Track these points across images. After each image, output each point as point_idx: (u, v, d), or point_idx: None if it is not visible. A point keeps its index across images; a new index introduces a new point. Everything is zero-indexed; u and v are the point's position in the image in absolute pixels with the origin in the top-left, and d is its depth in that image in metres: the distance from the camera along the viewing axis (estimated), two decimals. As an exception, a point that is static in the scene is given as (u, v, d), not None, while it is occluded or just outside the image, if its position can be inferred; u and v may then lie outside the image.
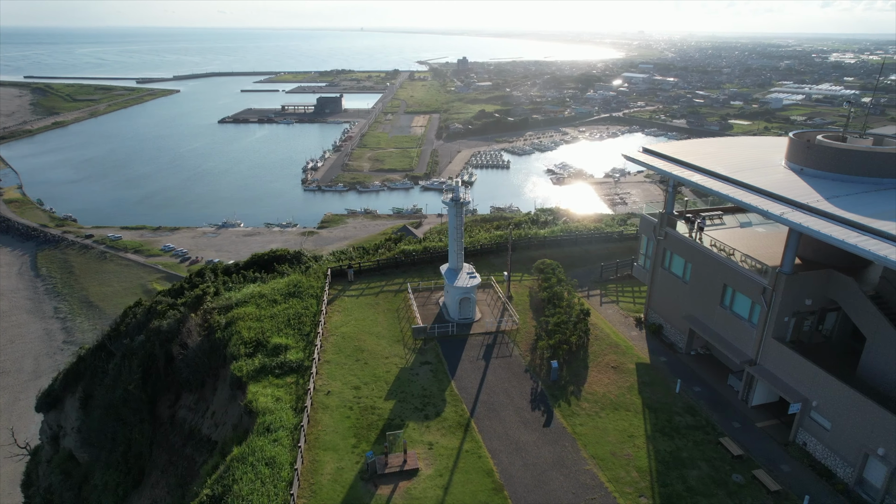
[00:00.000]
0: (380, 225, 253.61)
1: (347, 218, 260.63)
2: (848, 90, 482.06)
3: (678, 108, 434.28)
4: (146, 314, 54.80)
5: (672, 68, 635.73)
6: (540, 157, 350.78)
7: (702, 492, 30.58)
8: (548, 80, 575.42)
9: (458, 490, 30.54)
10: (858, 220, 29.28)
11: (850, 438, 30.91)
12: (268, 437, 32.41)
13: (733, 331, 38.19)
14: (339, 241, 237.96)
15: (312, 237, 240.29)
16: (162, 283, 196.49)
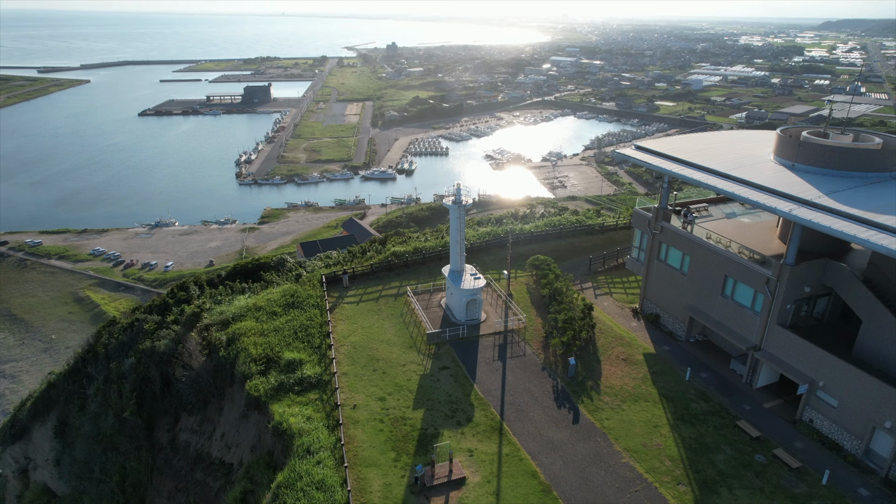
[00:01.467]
0: (322, 218, 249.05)
1: (288, 212, 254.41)
2: (758, 71, 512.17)
3: (607, 91, 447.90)
4: (128, 334, 51.88)
5: (597, 51, 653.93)
6: (477, 142, 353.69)
7: (732, 474, 32.67)
8: (479, 64, 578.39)
9: (508, 495, 31.22)
10: (863, 214, 31.78)
11: (856, 414, 33.80)
12: (310, 459, 31.83)
13: (736, 319, 40.62)
14: (282, 236, 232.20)
15: (254, 233, 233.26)
16: (96, 290, 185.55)
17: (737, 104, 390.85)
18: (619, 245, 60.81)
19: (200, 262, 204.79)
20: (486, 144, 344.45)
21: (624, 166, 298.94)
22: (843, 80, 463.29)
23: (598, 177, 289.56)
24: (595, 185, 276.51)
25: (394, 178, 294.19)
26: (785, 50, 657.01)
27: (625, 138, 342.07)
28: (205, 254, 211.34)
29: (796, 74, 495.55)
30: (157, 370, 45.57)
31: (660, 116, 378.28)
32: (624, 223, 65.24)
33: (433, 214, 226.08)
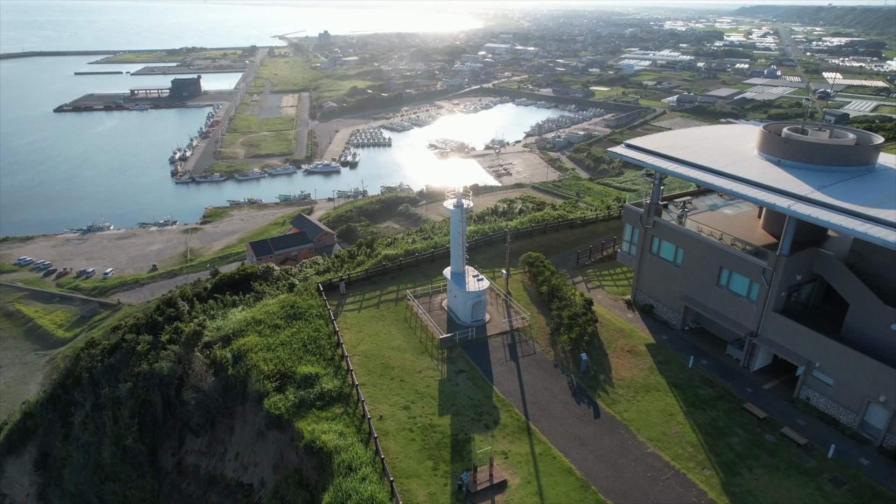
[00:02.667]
0: (268, 215, 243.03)
1: (231, 210, 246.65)
2: (684, 56, 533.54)
3: (543, 78, 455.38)
4: (116, 356, 49.45)
5: (531, 38, 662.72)
6: (419, 132, 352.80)
7: (748, 455, 35.04)
8: (414, 52, 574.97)
9: (551, 494, 32.32)
10: (857, 209, 34.48)
11: (852, 390, 36.88)
12: (354, 476, 31.78)
13: (732, 307, 43.18)
14: (227, 235, 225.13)
15: (197, 234, 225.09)
16: (27, 303, 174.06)
17: (667, 88, 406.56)
18: (600, 238, 62.92)
19: (142, 267, 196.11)
20: (429, 134, 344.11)
21: (566, 152, 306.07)
22: (761, 63, 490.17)
23: (541, 163, 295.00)
24: (540, 172, 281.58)
25: (338, 171, 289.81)
26: (707, 35, 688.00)
27: (564, 124, 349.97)
28: (146, 258, 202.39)
29: (719, 59, 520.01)
30: (158, 393, 43.80)
31: (596, 102, 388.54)
32: (603, 216, 67.43)
33: (384, 207, 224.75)
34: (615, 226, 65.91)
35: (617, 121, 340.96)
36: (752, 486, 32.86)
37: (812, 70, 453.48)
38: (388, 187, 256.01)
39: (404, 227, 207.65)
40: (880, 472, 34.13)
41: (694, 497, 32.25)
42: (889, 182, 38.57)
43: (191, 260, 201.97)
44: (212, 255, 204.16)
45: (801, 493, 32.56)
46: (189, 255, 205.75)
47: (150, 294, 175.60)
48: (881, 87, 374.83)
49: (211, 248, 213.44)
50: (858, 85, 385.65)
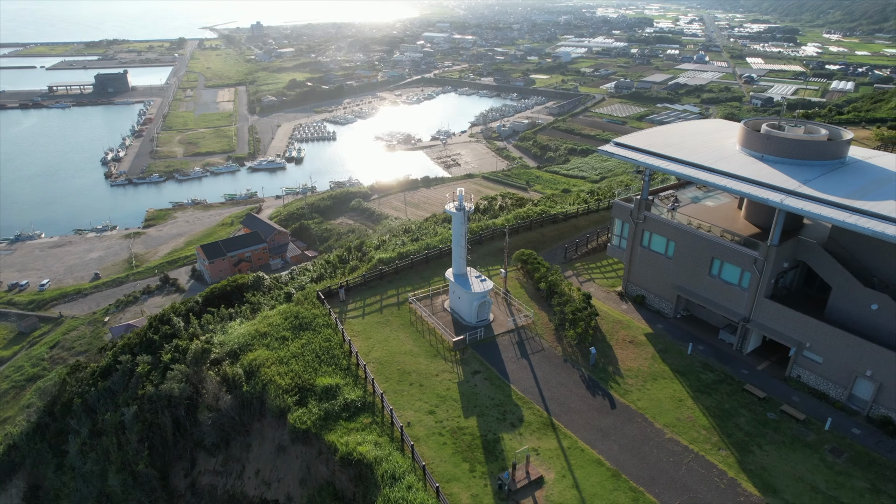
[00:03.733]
0: (215, 215, 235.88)
1: (175, 212, 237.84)
2: (618, 42, 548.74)
3: (483, 67, 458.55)
4: (111, 380, 47.58)
5: (467, 26, 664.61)
6: (363, 124, 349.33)
7: (756, 433, 37.81)
8: (352, 43, 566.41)
9: (586, 485, 33.94)
10: (842, 201, 37.58)
11: (840, 367, 40.27)
12: (400, 485, 32.34)
13: (724, 295, 46.01)
14: (173, 238, 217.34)
15: (140, 238, 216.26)
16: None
17: (605, 75, 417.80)
18: (582, 231, 65.13)
19: (83, 277, 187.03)
20: (374, 126, 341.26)
21: (512, 141, 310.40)
22: (690, 49, 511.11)
23: (489, 153, 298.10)
24: (488, 162, 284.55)
25: (283, 168, 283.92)
26: (637, 22, 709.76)
27: (507, 112, 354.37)
28: (86, 266, 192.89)
29: (651, 45, 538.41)
30: (167, 415, 42.61)
31: (537, 90, 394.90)
32: (583, 210, 69.62)
33: (335, 203, 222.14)
34: (595, 219, 68.34)
35: (559, 108, 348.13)
36: (764, 462, 35.57)
37: (737, 55, 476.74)
38: (338, 182, 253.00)
39: (358, 222, 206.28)
40: (871, 440, 37.62)
41: (716, 477, 34.64)
42: (863, 174, 42.03)
43: (136, 266, 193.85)
44: (159, 260, 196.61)
45: (807, 465, 35.53)
46: (134, 262, 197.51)
47: (96, 304, 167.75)
48: (799, 71, 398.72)
49: (157, 253, 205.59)
50: (779, 70, 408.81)
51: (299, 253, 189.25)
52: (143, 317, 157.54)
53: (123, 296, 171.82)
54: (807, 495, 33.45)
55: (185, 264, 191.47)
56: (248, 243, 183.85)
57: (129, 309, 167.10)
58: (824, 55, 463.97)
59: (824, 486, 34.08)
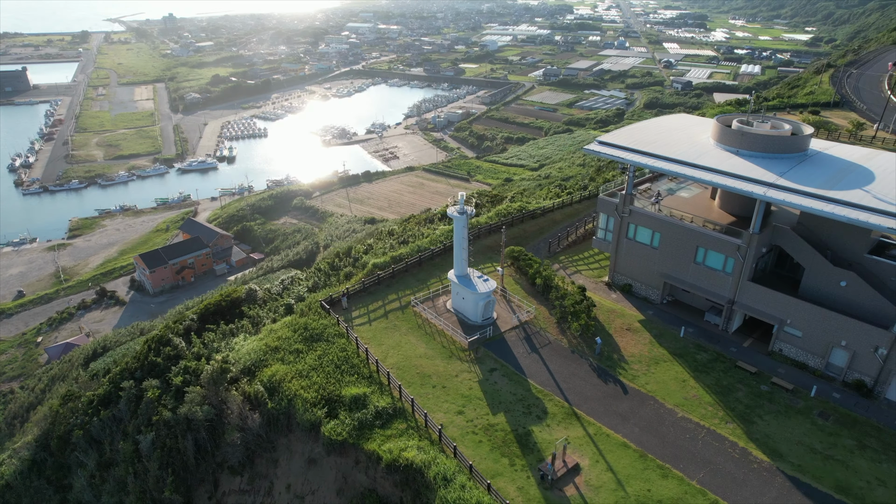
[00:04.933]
0: (147, 221, 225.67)
1: (103, 220, 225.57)
2: (541, 30, 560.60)
3: (412, 57, 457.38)
4: (113, 408, 45.99)
5: (391, 16, 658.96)
6: (294, 119, 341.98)
7: (754, 405, 41.81)
8: (274, 35, 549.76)
9: (619, 467, 36.65)
10: (817, 191, 41.89)
11: (817, 339, 44.96)
12: (453, 486, 33.78)
13: (709, 280, 49.96)
14: (104, 248, 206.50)
15: (66, 250, 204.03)
16: None
17: (532, 62, 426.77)
18: (560, 225, 68.09)
19: (4, 296, 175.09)
20: (305, 121, 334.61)
21: (447, 132, 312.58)
22: (610, 35, 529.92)
23: (426, 144, 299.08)
24: (426, 154, 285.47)
25: (215, 168, 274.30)
26: (558, 9, 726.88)
27: (440, 103, 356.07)
28: (6, 284, 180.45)
29: (573, 31, 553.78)
30: (189, 439, 41.87)
31: (467, 79, 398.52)
32: (558, 205, 72.56)
33: (277, 203, 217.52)
34: (569, 212, 71.50)
35: (491, 97, 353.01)
36: (767, 431, 39.53)
37: (654, 41, 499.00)
38: (275, 181, 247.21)
39: (303, 221, 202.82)
40: (850, 402, 42.47)
41: (729, 448, 38.24)
42: (827, 165, 46.75)
43: (66, 280, 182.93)
44: (91, 273, 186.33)
45: (802, 430, 39.79)
46: (62, 276, 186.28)
47: (24, 324, 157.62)
48: (711, 55, 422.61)
49: (88, 265, 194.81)
50: (693, 54, 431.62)
51: (244, 256, 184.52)
52: (83, 333, 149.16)
53: (56, 313, 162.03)
54: (808, 456, 37.58)
55: (121, 275, 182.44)
56: (190, 249, 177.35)
57: (65, 327, 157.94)
58: (732, 40, 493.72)
59: (820, 447, 38.38)
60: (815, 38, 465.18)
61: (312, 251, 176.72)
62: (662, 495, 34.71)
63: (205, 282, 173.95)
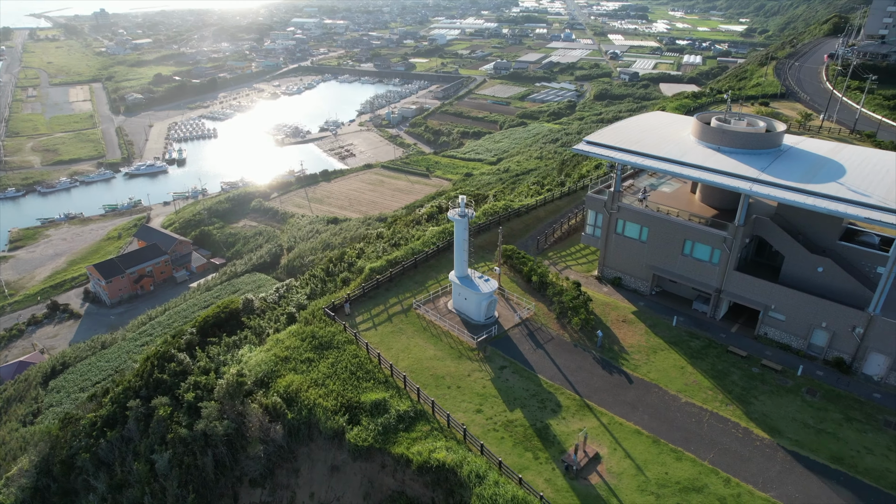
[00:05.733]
0: (97, 230, 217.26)
1: (47, 230, 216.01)
2: (489, 23, 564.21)
3: (361, 52, 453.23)
4: (124, 427, 45.07)
5: (337, 10, 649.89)
6: (244, 118, 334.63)
7: (749, 386, 44.80)
8: (216, 31, 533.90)
9: (636, 453, 38.81)
10: (797, 185, 45.08)
11: (800, 322, 48.41)
12: (487, 483, 35.08)
13: (697, 271, 52.84)
14: (51, 260, 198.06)
15: (8, 263, 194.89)
16: None
17: (482, 56, 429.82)
18: (545, 221, 70.15)
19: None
20: (255, 120, 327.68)
21: (402, 128, 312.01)
22: (556, 27, 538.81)
23: (382, 141, 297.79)
24: (383, 150, 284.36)
25: (165, 171, 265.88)
26: (504, 2, 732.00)
27: (393, 99, 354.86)
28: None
29: (520, 24, 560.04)
30: (209, 454, 41.56)
31: (419, 74, 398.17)
32: (541, 202, 74.52)
33: (235, 205, 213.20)
34: (551, 209, 73.61)
35: (444, 92, 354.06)
36: (764, 410, 42.53)
37: (599, 33, 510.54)
38: (230, 183, 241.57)
39: (263, 223, 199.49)
40: (832, 378, 46.05)
41: (732, 429, 40.98)
42: (801, 159, 50.18)
43: (11, 295, 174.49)
44: (40, 286, 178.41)
45: (793, 407, 42.98)
46: (6, 290, 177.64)
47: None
48: (655, 46, 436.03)
49: (34, 278, 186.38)
50: (638, 45, 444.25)
51: (205, 262, 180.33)
52: (37, 350, 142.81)
53: (4, 330, 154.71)
54: (803, 431, 40.72)
55: (73, 287, 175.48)
56: (148, 257, 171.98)
57: (15, 344, 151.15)
58: (673, 31, 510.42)
59: (812, 422, 41.61)
60: (748, 29, 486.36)
61: (276, 254, 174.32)
62: (680, 476, 37.04)
63: (165, 290, 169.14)
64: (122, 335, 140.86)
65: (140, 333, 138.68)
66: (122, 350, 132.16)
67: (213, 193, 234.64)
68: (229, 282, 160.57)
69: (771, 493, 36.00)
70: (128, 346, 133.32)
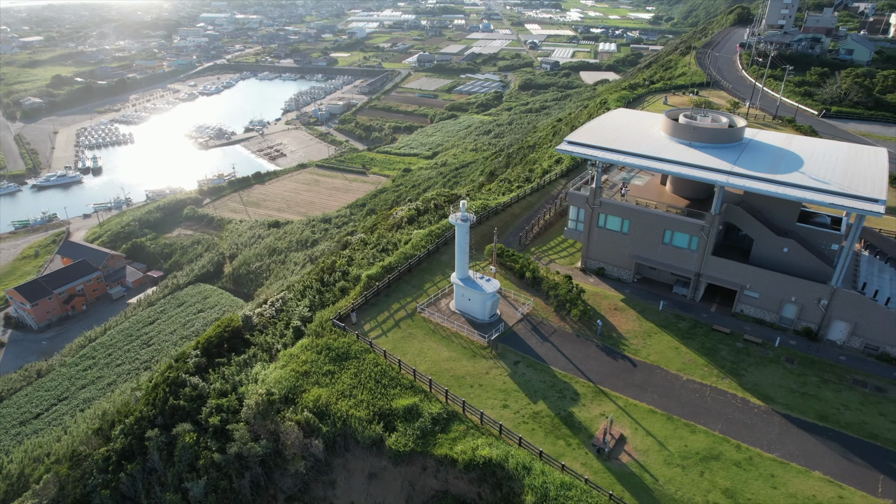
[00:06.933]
0: (9, 248, 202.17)
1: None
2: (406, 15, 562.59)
3: (279, 48, 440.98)
4: (147, 458, 43.85)
5: (248, 5, 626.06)
6: (161, 121, 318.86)
7: (737, 360, 49.63)
8: (118, 28, 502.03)
9: (655, 430, 42.42)
10: (766, 175, 50.14)
11: (771, 298, 53.90)
12: (535, 472, 37.46)
13: (677, 258, 57.37)
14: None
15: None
16: None
17: (403, 49, 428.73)
18: (521, 218, 73.10)
19: None
20: (175, 122, 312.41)
21: (332, 125, 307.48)
22: (474, 18, 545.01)
23: (313, 139, 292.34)
24: (315, 149, 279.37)
25: (79, 182, 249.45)
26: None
27: (318, 95, 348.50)
28: None
29: (437, 16, 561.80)
30: (247, 476, 41.37)
31: (341, 69, 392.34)
32: (515, 199, 77.30)
33: (167, 214, 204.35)
34: (525, 205, 76.66)
35: (370, 87, 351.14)
36: (755, 380, 47.40)
37: (517, 22, 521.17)
38: (156, 191, 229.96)
39: (199, 231, 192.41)
40: (804, 346, 51.78)
41: (731, 399, 45.52)
42: (763, 152, 55.53)
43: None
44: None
45: (777, 375, 48.16)
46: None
47: None
48: (571, 35, 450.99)
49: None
50: (555, 34, 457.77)
51: (141, 276, 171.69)
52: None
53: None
54: (790, 396, 45.85)
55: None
56: (77, 275, 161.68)
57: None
58: (586, 20, 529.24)
59: (796, 386, 46.87)
60: (655, 17, 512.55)
61: (219, 262, 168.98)
62: (698, 447, 40.99)
63: (100, 309, 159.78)
64: (60, 361, 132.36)
65: (81, 357, 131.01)
66: (63, 377, 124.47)
67: (138, 203, 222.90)
68: (173, 295, 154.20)
69: (776, 454, 40.60)
70: (69, 373, 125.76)
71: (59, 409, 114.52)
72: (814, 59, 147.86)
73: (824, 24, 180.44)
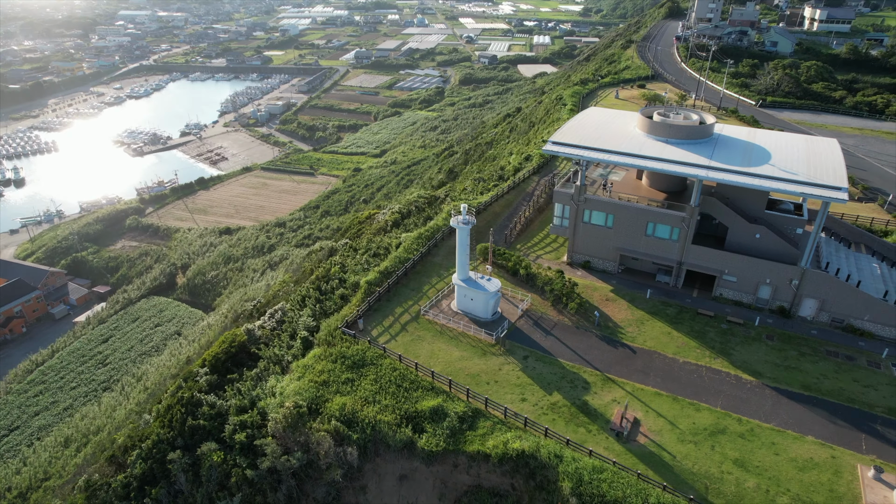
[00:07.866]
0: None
1: None
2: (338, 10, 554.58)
3: (209, 48, 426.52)
4: (172, 482, 43.19)
5: (171, 1, 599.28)
6: (86, 126, 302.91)
7: (724, 340, 53.73)
8: (25, 27, 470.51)
9: (664, 411, 45.63)
10: (741, 168, 54.35)
11: (748, 281, 58.46)
12: (566, 460, 39.73)
13: (659, 248, 61.10)
14: None
15: None
16: None
17: (339, 45, 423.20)
18: (503, 215, 75.36)
19: None
20: (102, 127, 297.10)
21: (273, 125, 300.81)
22: (408, 13, 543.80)
23: (254, 141, 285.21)
24: (258, 151, 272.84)
25: (0, 195, 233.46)
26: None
27: (255, 95, 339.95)
28: None
29: (371, 11, 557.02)
30: (283, 490, 41.56)
31: (277, 68, 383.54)
32: (495, 197, 79.37)
33: (108, 226, 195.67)
34: (504, 203, 78.94)
35: (308, 85, 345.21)
36: (743, 358, 51.58)
37: (450, 17, 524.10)
38: (91, 202, 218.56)
39: (145, 242, 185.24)
40: (779, 323, 56.59)
41: (726, 377, 49.42)
42: (734, 146, 59.89)
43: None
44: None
45: (762, 351, 52.57)
46: None
47: None
48: (506, 28, 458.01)
49: None
50: (489, 28, 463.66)
51: (86, 293, 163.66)
52: None
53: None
54: (776, 370, 50.24)
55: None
56: (13, 295, 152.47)
57: None
58: (519, 13, 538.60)
59: (779, 361, 51.37)
60: (585, 9, 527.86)
61: (171, 273, 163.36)
62: (706, 424, 44.50)
63: (41, 330, 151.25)
64: (5, 388, 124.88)
65: (29, 384, 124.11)
66: (11, 406, 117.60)
67: (72, 215, 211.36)
68: (125, 310, 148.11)
69: (773, 423, 44.65)
70: (18, 401, 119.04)
71: (11, 439, 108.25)
72: (743, 51, 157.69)
73: (748, 17, 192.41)
